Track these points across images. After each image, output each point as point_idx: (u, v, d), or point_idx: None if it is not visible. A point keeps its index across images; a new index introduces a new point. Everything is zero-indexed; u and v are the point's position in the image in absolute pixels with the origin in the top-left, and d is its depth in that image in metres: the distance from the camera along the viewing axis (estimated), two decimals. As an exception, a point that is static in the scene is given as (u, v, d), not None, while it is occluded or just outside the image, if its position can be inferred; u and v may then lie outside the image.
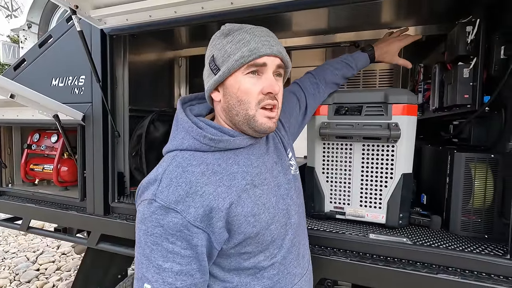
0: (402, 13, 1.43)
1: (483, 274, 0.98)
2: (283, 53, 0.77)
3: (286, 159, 0.91)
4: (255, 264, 0.75)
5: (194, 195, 0.67)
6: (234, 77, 0.74)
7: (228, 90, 0.75)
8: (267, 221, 0.75)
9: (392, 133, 1.11)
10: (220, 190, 0.70)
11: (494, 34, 1.08)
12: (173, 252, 0.65)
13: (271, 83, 0.75)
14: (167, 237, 0.65)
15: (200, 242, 0.67)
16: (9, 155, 2.05)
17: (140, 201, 0.70)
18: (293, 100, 1.10)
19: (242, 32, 0.74)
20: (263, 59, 0.73)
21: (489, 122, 1.17)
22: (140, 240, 0.67)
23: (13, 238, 4.37)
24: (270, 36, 0.77)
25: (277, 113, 0.79)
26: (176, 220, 0.65)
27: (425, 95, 1.67)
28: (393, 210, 1.18)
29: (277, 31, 1.75)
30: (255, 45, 0.72)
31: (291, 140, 1.05)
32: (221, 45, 0.75)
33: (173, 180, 0.68)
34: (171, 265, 0.64)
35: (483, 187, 1.11)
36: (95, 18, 1.36)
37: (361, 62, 1.27)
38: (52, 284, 3.11)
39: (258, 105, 0.75)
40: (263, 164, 0.81)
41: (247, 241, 0.73)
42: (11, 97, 1.29)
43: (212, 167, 0.72)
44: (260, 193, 0.76)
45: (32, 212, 1.81)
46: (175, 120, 0.80)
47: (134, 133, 1.69)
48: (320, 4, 1.14)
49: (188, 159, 0.72)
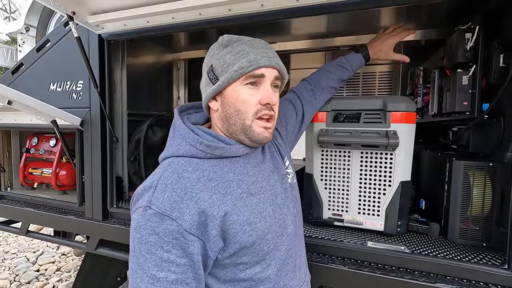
0: (401, 17, 1.43)
1: (481, 283, 0.98)
2: (280, 65, 0.78)
3: (283, 168, 0.91)
4: (251, 276, 0.75)
5: (189, 201, 0.66)
6: (232, 87, 0.75)
7: (226, 99, 0.76)
8: (264, 230, 0.74)
9: (391, 141, 1.10)
10: (215, 197, 0.69)
11: (493, 41, 1.08)
12: (168, 261, 0.64)
13: (268, 94, 0.76)
14: (162, 245, 0.64)
15: (196, 250, 0.66)
16: (7, 159, 2.05)
17: (134, 208, 0.70)
18: (290, 108, 1.10)
19: (241, 44, 0.75)
20: (261, 70, 0.74)
21: (488, 130, 1.16)
22: (134, 249, 0.66)
23: (13, 238, 4.38)
24: (267, 48, 0.78)
25: (274, 124, 0.80)
26: (172, 228, 0.64)
27: (424, 99, 1.66)
28: (392, 217, 1.18)
29: (276, 35, 1.77)
30: (254, 57, 0.73)
31: (289, 148, 1.05)
32: (220, 56, 0.76)
33: (168, 186, 0.67)
34: (166, 274, 0.63)
35: (481, 195, 1.11)
36: (93, 23, 1.36)
37: (356, 63, 1.25)
38: (52, 285, 3.12)
39: (255, 115, 0.76)
40: (260, 173, 0.81)
41: (243, 251, 0.72)
42: (8, 103, 1.29)
43: (208, 173, 0.72)
44: (256, 201, 0.75)
45: (31, 216, 1.81)
46: (172, 127, 0.81)
47: (133, 138, 1.69)
48: (318, 12, 1.13)
49: (183, 165, 0.72)
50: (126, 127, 1.65)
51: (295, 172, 0.97)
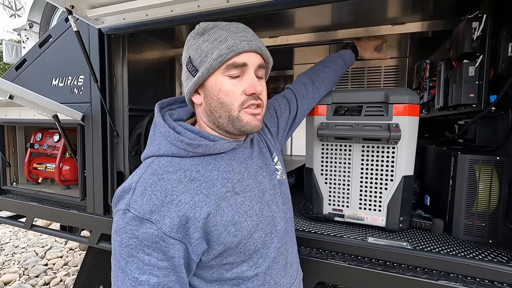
0: (407, 8, 1.38)
1: (485, 281, 0.94)
2: (262, 48, 0.73)
3: (272, 164, 0.88)
4: (237, 275, 0.72)
5: (170, 204, 0.64)
6: (213, 77, 0.71)
7: (209, 92, 0.72)
8: (249, 229, 0.72)
9: (392, 134, 1.07)
10: (197, 198, 0.66)
11: (501, 30, 1.03)
12: (149, 264, 0.62)
13: (252, 83, 0.71)
14: (143, 248, 0.62)
15: (177, 253, 0.64)
16: (13, 154, 2.08)
17: (115, 210, 0.67)
18: (284, 103, 1.07)
19: (218, 30, 0.71)
20: (242, 57, 0.70)
21: (495, 123, 1.12)
22: (115, 252, 0.65)
23: (23, 233, 4.47)
24: (246, 31, 0.73)
25: (263, 111, 0.76)
26: (151, 231, 0.62)
27: (430, 93, 1.62)
28: (393, 213, 1.15)
29: (278, 28, 1.74)
30: (232, 42, 0.69)
31: (278, 144, 1.01)
32: (197, 45, 0.72)
33: (147, 189, 0.65)
34: (147, 277, 0.62)
35: (487, 190, 1.07)
36: (92, 17, 1.35)
37: (347, 58, 1.31)
38: (60, 279, 3.17)
39: (241, 106, 0.72)
40: (246, 170, 0.78)
41: (228, 252, 0.70)
42: (10, 98, 1.30)
43: (190, 173, 0.69)
44: (242, 200, 0.72)
45: (35, 211, 1.83)
46: (153, 125, 0.77)
47: (134, 132, 1.69)
48: (319, 1, 1.10)
49: (164, 165, 0.69)
50: (128, 122, 1.64)
51: (284, 169, 0.94)
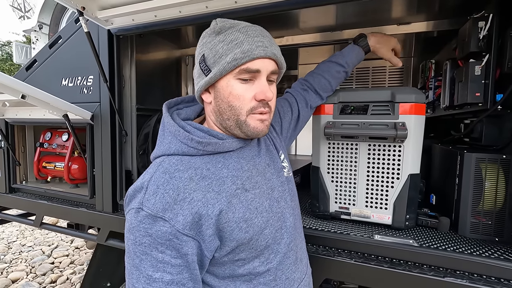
0: (412, 8, 1.39)
1: (492, 278, 0.95)
2: (277, 55, 0.73)
3: (279, 161, 0.89)
4: (250, 271, 0.73)
5: (182, 202, 0.65)
6: (225, 79, 0.71)
7: (219, 93, 0.73)
8: (260, 225, 0.72)
9: (399, 133, 1.08)
10: (209, 196, 0.67)
11: (507, 30, 1.04)
12: (163, 261, 0.63)
13: (263, 89, 0.71)
14: (157, 246, 0.63)
15: (191, 250, 0.65)
16: (23, 153, 2.11)
17: (127, 209, 0.68)
18: (286, 105, 1.09)
19: (235, 31, 0.70)
20: (256, 63, 0.70)
21: (501, 121, 1.12)
22: (129, 250, 0.66)
23: (30, 232, 4.53)
24: (264, 36, 0.72)
25: (270, 117, 0.77)
26: (165, 229, 0.63)
27: (435, 92, 1.62)
28: (400, 211, 1.16)
29: (283, 29, 1.75)
30: (248, 47, 0.68)
31: (284, 143, 1.03)
32: (212, 44, 0.71)
33: (159, 187, 0.65)
34: (161, 275, 0.63)
35: (494, 189, 1.07)
36: (102, 19, 1.38)
37: (353, 58, 1.19)
38: (66, 277, 3.21)
39: (250, 111, 0.72)
40: (254, 167, 0.78)
41: (240, 248, 0.71)
42: (22, 97, 1.33)
43: (200, 171, 0.70)
44: (252, 197, 0.73)
45: (44, 209, 1.86)
46: (161, 125, 0.78)
47: (142, 132, 1.71)
48: (325, 1, 1.12)
49: (175, 164, 0.70)
50: (136, 121, 1.67)
51: (291, 166, 0.95)
